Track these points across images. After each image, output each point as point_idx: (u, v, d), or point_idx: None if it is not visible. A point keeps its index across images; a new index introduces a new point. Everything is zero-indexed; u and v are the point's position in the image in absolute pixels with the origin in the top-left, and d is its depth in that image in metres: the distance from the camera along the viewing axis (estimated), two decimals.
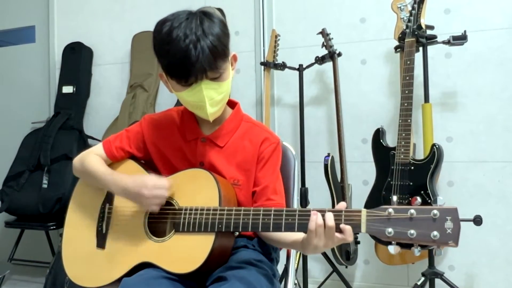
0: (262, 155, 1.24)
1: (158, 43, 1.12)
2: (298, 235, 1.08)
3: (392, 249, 0.94)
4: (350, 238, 0.97)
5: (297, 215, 1.03)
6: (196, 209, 1.12)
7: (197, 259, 1.07)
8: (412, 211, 0.91)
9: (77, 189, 1.33)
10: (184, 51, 1.06)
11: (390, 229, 0.92)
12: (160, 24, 1.12)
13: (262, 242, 1.25)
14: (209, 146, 1.25)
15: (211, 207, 1.11)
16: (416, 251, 0.92)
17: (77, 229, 1.28)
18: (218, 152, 1.24)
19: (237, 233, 1.16)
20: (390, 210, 0.93)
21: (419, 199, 0.94)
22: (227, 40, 1.14)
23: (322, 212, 0.99)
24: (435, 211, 0.90)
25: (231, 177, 1.22)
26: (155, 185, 1.13)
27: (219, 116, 1.23)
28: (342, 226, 0.97)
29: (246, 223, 1.07)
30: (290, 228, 1.03)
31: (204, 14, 1.11)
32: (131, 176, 1.19)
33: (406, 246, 0.96)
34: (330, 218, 0.97)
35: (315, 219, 0.98)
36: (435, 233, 0.89)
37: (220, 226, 1.08)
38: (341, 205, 1.00)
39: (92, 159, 1.28)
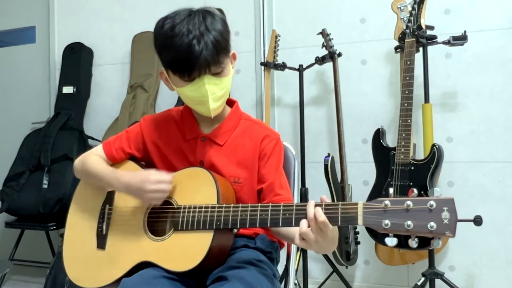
0: (264, 152, 1.25)
1: (160, 39, 1.13)
2: None
3: (390, 241, 0.94)
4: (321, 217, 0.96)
5: (294, 210, 1.03)
6: (195, 207, 1.12)
7: (196, 257, 1.07)
8: (409, 202, 0.91)
9: (78, 191, 1.34)
10: (188, 46, 1.07)
11: (387, 221, 0.92)
12: (162, 21, 1.13)
13: (263, 242, 1.25)
14: (209, 144, 1.25)
15: (210, 204, 1.11)
16: (414, 243, 0.92)
17: (78, 230, 1.29)
18: (218, 151, 1.25)
19: (235, 230, 1.16)
20: (387, 202, 0.93)
21: (415, 191, 0.94)
22: (228, 37, 1.15)
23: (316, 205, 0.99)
24: (432, 202, 0.89)
25: (232, 175, 1.23)
26: (157, 180, 1.15)
27: (218, 115, 1.23)
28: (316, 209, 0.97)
29: (244, 219, 1.07)
30: (287, 223, 1.03)
31: (206, 12, 1.13)
32: (133, 172, 1.21)
33: (405, 240, 0.96)
34: (309, 210, 0.97)
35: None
36: (432, 223, 0.88)
37: (218, 223, 1.08)
38: (323, 198, 1.00)
39: (93, 159, 1.29)
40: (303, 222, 0.98)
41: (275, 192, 1.22)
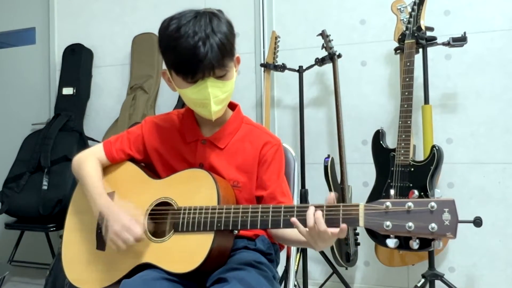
0: (264, 158, 1.24)
1: (164, 39, 1.13)
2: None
3: (391, 242, 0.94)
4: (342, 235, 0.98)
5: (295, 212, 1.03)
6: (195, 209, 1.12)
7: (197, 258, 1.07)
8: (410, 204, 0.91)
9: (77, 192, 1.33)
10: (193, 48, 1.06)
11: (388, 222, 0.92)
12: (167, 21, 1.13)
13: (263, 244, 1.25)
14: (209, 148, 1.25)
15: (210, 206, 1.11)
16: (415, 244, 0.92)
17: (77, 231, 1.28)
18: (218, 154, 1.24)
19: (236, 232, 1.16)
20: (388, 203, 0.93)
21: (416, 193, 0.95)
22: (234, 40, 1.15)
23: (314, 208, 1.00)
24: (433, 203, 0.90)
25: (231, 179, 1.22)
26: (127, 227, 1.12)
27: (220, 118, 1.23)
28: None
29: (245, 220, 1.07)
30: (289, 224, 1.03)
31: (212, 14, 1.13)
32: (118, 204, 1.18)
33: (405, 242, 0.96)
34: (309, 217, 0.98)
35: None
36: (433, 225, 0.89)
37: (219, 224, 1.08)
38: (330, 198, 1.00)
39: (89, 167, 1.27)
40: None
41: (277, 200, 1.22)
